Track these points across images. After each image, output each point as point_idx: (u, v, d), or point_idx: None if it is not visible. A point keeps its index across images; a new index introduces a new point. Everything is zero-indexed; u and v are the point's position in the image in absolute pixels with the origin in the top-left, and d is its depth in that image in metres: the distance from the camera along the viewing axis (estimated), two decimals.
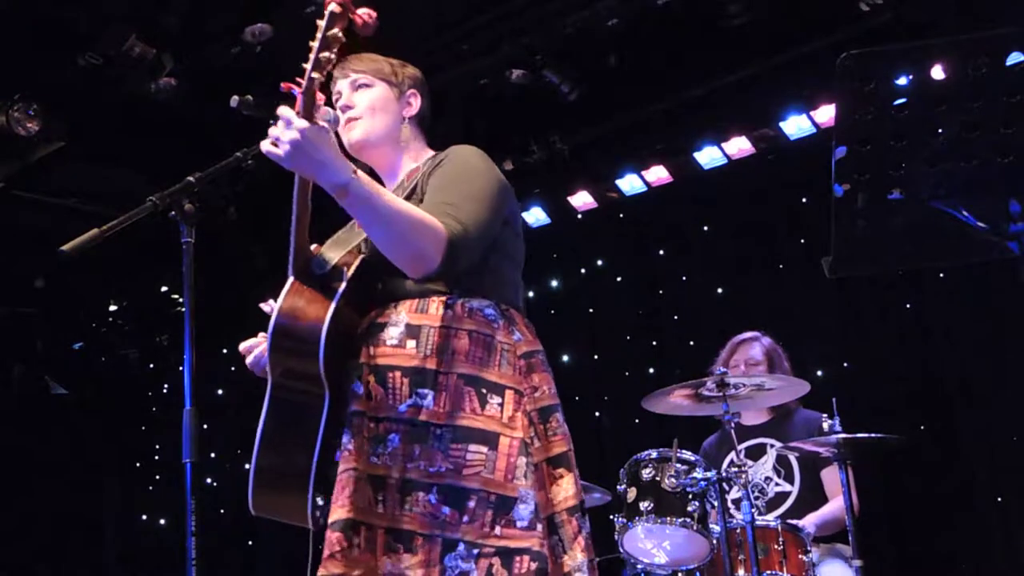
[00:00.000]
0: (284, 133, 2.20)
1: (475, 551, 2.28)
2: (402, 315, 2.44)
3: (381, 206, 2.27)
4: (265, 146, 2.24)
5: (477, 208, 2.41)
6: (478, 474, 2.32)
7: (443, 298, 2.44)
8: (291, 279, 2.40)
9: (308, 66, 2.21)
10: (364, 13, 2.28)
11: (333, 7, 2.21)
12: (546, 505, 2.39)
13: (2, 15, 4.71)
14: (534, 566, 2.27)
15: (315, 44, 2.20)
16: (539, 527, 2.32)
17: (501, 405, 2.39)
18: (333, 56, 2.21)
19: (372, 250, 2.43)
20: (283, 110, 2.22)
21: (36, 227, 6.00)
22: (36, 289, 6.81)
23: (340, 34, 2.22)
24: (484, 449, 2.34)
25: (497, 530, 2.29)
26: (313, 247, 2.51)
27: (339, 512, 2.30)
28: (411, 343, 2.41)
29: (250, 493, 2.41)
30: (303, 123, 2.19)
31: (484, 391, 2.38)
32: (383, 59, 2.75)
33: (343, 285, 2.37)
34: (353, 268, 2.42)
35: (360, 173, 2.26)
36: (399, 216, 2.28)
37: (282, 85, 2.36)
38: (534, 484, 2.35)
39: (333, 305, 2.34)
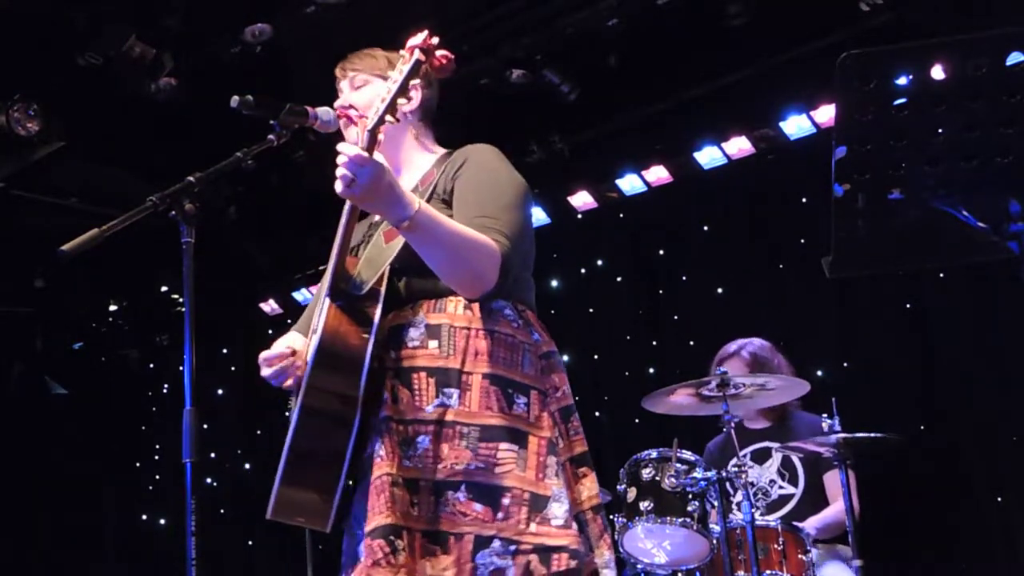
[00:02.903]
0: (359, 172, 2.18)
1: (512, 547, 2.28)
2: (420, 316, 2.43)
3: (443, 232, 2.30)
4: (339, 187, 2.22)
5: (516, 218, 2.45)
6: (511, 472, 2.32)
7: (460, 298, 2.43)
8: (327, 301, 2.39)
9: (382, 107, 2.18)
10: (442, 55, 2.24)
11: (418, 55, 2.16)
12: (573, 504, 2.39)
13: (2, 15, 4.71)
14: (573, 563, 2.28)
15: (393, 87, 2.17)
16: (574, 525, 2.33)
17: (527, 405, 2.39)
18: (409, 100, 2.19)
19: (397, 257, 2.42)
20: (348, 148, 2.20)
21: (36, 227, 6.00)
22: (36, 289, 6.81)
23: (418, 81, 2.21)
24: (515, 447, 2.34)
25: (532, 527, 2.29)
26: (348, 259, 2.52)
27: (378, 519, 2.28)
28: (433, 343, 2.40)
29: (274, 493, 2.40)
30: (374, 161, 2.19)
31: (510, 391, 2.38)
32: (383, 54, 2.71)
33: (379, 311, 2.39)
34: (384, 287, 2.43)
35: (422, 202, 2.28)
36: (459, 239, 2.31)
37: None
38: (565, 483, 2.36)
39: (372, 339, 2.36)
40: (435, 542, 2.30)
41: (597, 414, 6.41)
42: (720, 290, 6.10)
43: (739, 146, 5.74)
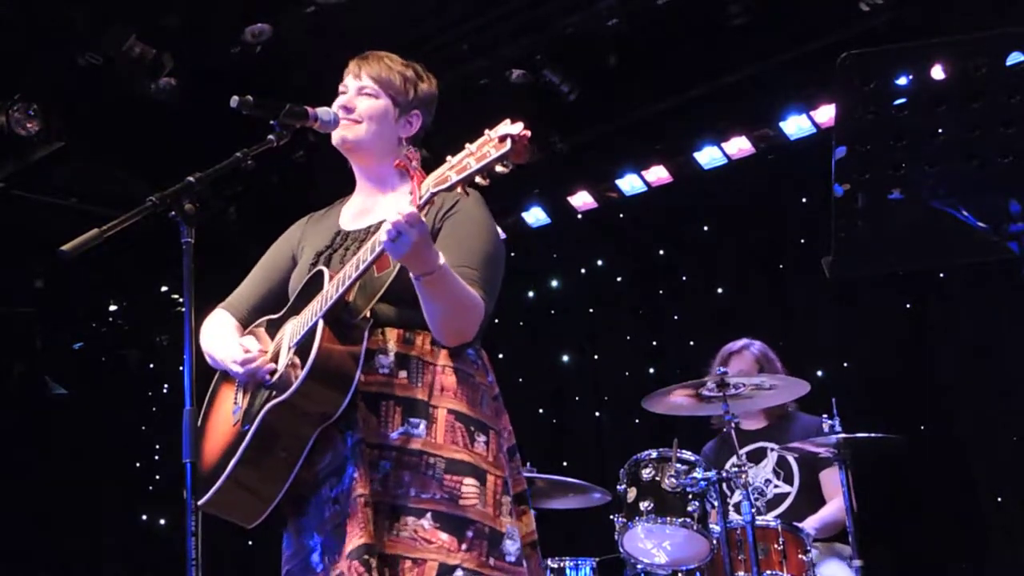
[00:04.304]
0: (408, 230, 2.24)
1: None
2: (390, 344, 2.48)
3: (453, 288, 2.38)
4: (384, 239, 2.27)
5: (494, 273, 2.55)
6: (474, 506, 2.39)
7: (428, 334, 2.49)
8: (322, 323, 2.41)
9: (454, 178, 2.21)
10: (526, 144, 2.22)
11: (509, 147, 2.18)
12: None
13: (2, 15, 4.70)
14: None
15: (474, 164, 2.20)
16: (524, 564, 2.43)
17: (486, 444, 2.47)
18: (487, 183, 2.21)
19: (388, 289, 2.47)
20: (407, 206, 2.24)
21: (36, 227, 6.00)
22: (36, 289, 6.81)
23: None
24: (477, 483, 2.41)
25: (491, 561, 2.38)
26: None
27: (355, 540, 2.33)
28: (402, 373, 2.47)
29: (218, 484, 2.49)
30: (423, 222, 2.25)
31: (472, 428, 2.46)
32: (400, 68, 2.71)
33: (366, 338, 2.43)
34: (370, 316, 2.48)
35: (443, 259, 2.34)
36: (461, 296, 2.41)
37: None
38: (515, 522, 2.46)
39: (360, 365, 2.41)
40: (386, 564, 2.35)
41: (597, 414, 6.41)
42: (720, 290, 6.10)
43: (739, 146, 5.74)
